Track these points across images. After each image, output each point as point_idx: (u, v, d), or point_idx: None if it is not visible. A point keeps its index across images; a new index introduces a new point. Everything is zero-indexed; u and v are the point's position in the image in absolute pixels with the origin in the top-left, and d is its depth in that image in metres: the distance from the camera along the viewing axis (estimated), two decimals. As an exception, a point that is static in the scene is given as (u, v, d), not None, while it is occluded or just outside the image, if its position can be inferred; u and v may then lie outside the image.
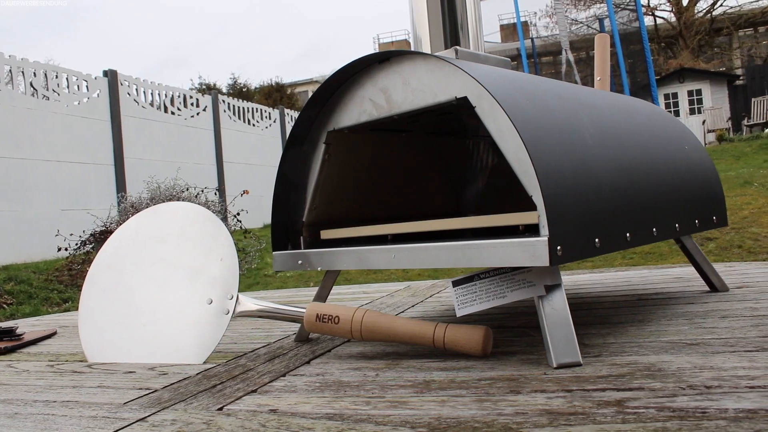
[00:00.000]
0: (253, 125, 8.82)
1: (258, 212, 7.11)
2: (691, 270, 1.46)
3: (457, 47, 0.88)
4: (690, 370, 0.62)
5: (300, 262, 0.95)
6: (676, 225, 0.92)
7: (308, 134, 0.98)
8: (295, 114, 10.00)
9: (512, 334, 0.90)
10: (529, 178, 0.70)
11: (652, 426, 0.48)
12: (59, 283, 3.96)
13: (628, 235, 0.80)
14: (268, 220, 7.61)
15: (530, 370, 0.69)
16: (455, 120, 1.18)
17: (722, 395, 0.54)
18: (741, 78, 15.30)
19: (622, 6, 11.44)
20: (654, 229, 0.86)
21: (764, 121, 12.38)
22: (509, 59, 0.98)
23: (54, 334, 1.33)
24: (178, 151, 6.68)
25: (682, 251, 1.08)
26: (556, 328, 0.70)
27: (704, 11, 18.74)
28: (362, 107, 0.90)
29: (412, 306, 1.33)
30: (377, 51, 0.87)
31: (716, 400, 0.53)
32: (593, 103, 0.91)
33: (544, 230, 0.68)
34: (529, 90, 0.80)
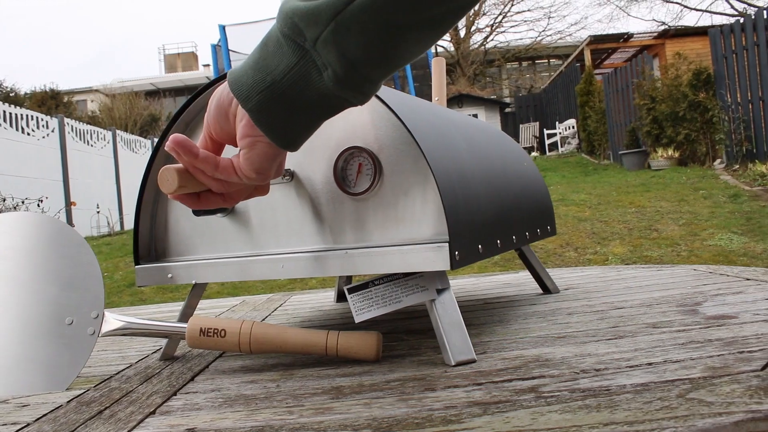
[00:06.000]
0: (28, 134, 7.97)
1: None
2: (513, 276, 1.62)
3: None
4: (573, 358, 0.71)
5: (170, 275, 0.90)
6: (527, 233, 1.03)
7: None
8: (77, 124, 9.23)
9: (389, 339, 0.94)
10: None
11: (575, 404, 0.54)
12: None
13: (498, 242, 0.88)
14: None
15: (430, 369, 0.73)
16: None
17: (613, 375, 0.62)
18: (511, 106, 17.14)
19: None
20: (513, 237, 0.95)
21: (530, 145, 13.98)
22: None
23: None
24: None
25: (520, 258, 1.20)
26: (451, 328, 0.75)
27: (478, 44, 20.77)
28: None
29: (263, 319, 1.31)
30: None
31: (611, 379, 0.61)
32: (457, 121, 0.98)
33: (444, 238, 0.72)
34: (414, 106, 0.85)
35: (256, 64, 0.54)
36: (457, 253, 0.72)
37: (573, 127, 13.18)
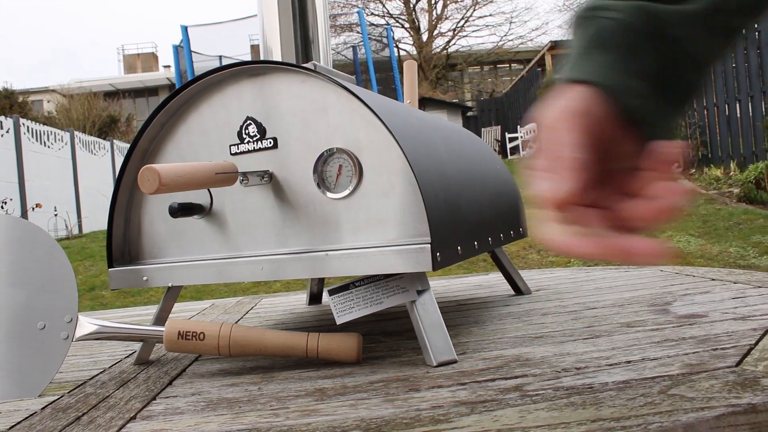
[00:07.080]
0: (-19, 135, 7.73)
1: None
2: (483, 278, 1.63)
3: (315, 62, 0.90)
4: (553, 357, 0.72)
5: (145, 278, 0.89)
6: (501, 235, 1.04)
7: (151, 147, 0.92)
8: (33, 125, 8.98)
9: (366, 341, 0.94)
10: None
11: (561, 402, 0.55)
12: None
13: (475, 243, 0.89)
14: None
15: (412, 370, 0.73)
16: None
17: (595, 373, 0.63)
18: (473, 110, 17.30)
19: (371, 37, 12.31)
20: (489, 239, 0.97)
21: (494, 149, 14.12)
22: (353, 77, 1.03)
23: None
24: None
25: (493, 259, 1.21)
26: (432, 329, 0.75)
27: (441, 47, 20.94)
28: (218, 117, 0.88)
29: (236, 322, 1.30)
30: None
31: (593, 377, 0.62)
32: (434, 123, 0.99)
33: (426, 239, 0.73)
34: (393, 108, 0.85)
35: (617, 64, 0.47)
36: (438, 254, 0.73)
37: (534, 131, 13.33)
